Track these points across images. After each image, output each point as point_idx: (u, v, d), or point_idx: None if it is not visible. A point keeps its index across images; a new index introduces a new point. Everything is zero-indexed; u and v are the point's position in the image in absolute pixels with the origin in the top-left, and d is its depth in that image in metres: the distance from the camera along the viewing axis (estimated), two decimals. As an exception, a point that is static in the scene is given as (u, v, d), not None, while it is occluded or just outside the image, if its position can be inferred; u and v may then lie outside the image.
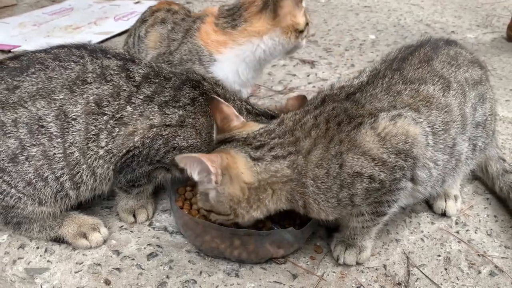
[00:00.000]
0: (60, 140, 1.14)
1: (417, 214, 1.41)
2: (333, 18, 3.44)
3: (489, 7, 3.78)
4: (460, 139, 1.18)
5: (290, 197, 1.07)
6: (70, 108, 1.14)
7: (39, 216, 1.22)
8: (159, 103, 1.20)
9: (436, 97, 1.14)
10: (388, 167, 1.03)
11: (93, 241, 1.25)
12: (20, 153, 1.13)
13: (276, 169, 1.04)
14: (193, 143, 1.21)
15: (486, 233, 1.34)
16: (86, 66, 1.17)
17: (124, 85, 1.18)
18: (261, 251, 1.18)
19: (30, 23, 3.14)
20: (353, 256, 1.21)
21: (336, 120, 1.06)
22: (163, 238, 1.30)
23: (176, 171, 1.27)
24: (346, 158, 1.02)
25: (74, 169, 1.17)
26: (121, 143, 1.18)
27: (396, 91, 1.13)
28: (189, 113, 1.21)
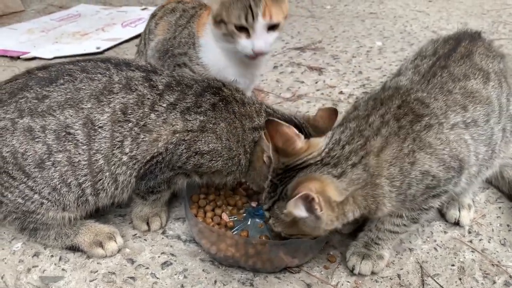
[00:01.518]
0: (86, 147, 1.17)
1: (430, 223, 1.41)
2: (339, 24, 3.45)
3: (495, 13, 3.78)
4: (496, 129, 1.23)
5: (365, 203, 1.06)
6: (97, 116, 1.16)
7: (59, 222, 1.23)
8: (181, 109, 1.22)
9: (479, 91, 1.19)
10: (445, 167, 1.09)
11: (108, 250, 1.26)
12: (47, 159, 1.15)
13: (357, 177, 1.03)
14: (214, 147, 1.22)
15: (499, 242, 1.34)
16: (113, 77, 1.20)
17: (147, 93, 1.21)
18: (275, 260, 1.18)
19: (39, 29, 3.16)
20: (369, 266, 1.21)
21: (407, 119, 1.09)
22: (177, 247, 1.30)
23: (196, 176, 1.29)
24: (419, 156, 1.06)
25: (97, 176, 1.19)
26: (145, 149, 1.20)
27: (448, 90, 1.17)
28: (210, 118, 1.23)
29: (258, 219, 1.36)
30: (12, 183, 1.17)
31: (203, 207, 1.37)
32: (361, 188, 1.04)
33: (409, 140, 1.06)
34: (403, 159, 1.05)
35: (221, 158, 1.24)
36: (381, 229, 1.20)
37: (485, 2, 4.13)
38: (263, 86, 2.37)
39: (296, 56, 2.80)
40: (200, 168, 1.25)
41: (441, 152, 1.08)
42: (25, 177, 1.16)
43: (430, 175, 1.07)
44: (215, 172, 1.27)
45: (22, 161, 1.15)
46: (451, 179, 1.12)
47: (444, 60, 1.24)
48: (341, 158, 1.05)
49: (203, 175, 1.29)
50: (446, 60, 1.24)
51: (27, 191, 1.17)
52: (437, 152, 1.07)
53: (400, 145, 1.06)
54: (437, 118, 1.11)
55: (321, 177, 1.02)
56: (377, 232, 1.21)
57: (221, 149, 1.23)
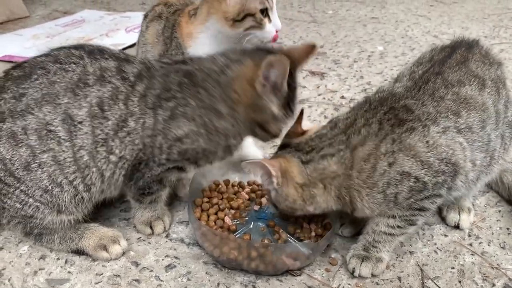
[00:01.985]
0: (69, 144, 1.16)
1: (430, 226, 1.43)
2: (341, 29, 3.47)
3: (496, 18, 3.80)
4: (494, 135, 1.25)
5: (338, 193, 1.16)
6: (75, 111, 1.15)
7: (60, 225, 1.25)
8: (152, 101, 1.20)
9: (473, 97, 1.21)
10: (431, 170, 1.12)
11: (113, 253, 1.27)
12: (32, 161, 1.16)
13: (324, 167, 1.15)
14: (189, 129, 1.20)
15: (499, 245, 1.36)
16: (87, 68, 1.18)
17: (120, 86, 1.19)
18: (278, 263, 1.20)
19: (44, 34, 3.20)
20: (368, 268, 1.23)
21: (389, 123, 1.15)
22: (180, 250, 1.32)
23: (191, 166, 1.29)
24: (398, 157, 1.11)
25: (84, 171, 1.19)
26: (131, 148, 1.20)
27: (440, 96, 1.20)
28: (179, 100, 1.20)
29: (260, 223, 1.38)
30: (8, 189, 1.19)
31: (206, 211, 1.39)
32: (331, 178, 1.15)
33: (388, 141, 1.12)
34: (378, 158, 1.11)
35: (202, 137, 1.22)
36: (377, 231, 1.22)
37: (486, 7, 4.15)
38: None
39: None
40: (186, 155, 1.24)
41: (425, 155, 1.11)
42: (17, 182, 1.17)
43: (411, 177, 1.11)
44: (208, 153, 1.26)
45: (11, 166, 1.16)
46: (441, 184, 1.14)
47: (438, 67, 1.27)
48: (315, 148, 1.17)
49: (198, 161, 1.28)
50: (440, 67, 1.26)
51: (22, 196, 1.19)
52: (420, 155, 1.11)
53: (377, 144, 1.13)
54: (421, 122, 1.14)
55: (290, 158, 1.18)
56: (373, 235, 1.23)
57: (197, 128, 1.21)
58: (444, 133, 1.15)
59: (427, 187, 1.13)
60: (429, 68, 1.27)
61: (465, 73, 1.25)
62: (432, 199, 1.16)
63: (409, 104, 1.19)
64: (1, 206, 1.24)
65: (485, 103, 1.22)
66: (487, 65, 1.30)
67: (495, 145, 1.26)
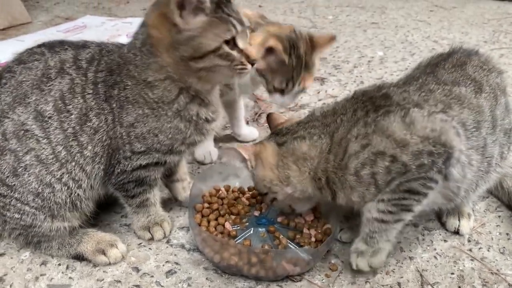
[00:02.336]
0: (46, 140, 1.17)
1: (430, 232, 1.44)
2: (341, 34, 3.49)
3: (496, 23, 3.82)
4: (490, 140, 1.23)
5: (313, 174, 1.20)
6: (44, 107, 1.16)
7: (55, 233, 1.26)
8: (103, 89, 1.19)
9: (468, 98, 1.21)
10: (412, 150, 1.08)
11: (111, 257, 1.28)
12: (18, 165, 1.17)
13: (294, 147, 1.21)
14: (136, 113, 1.19)
15: (499, 251, 1.36)
16: (48, 62, 1.18)
17: (76, 77, 1.18)
18: (278, 268, 1.21)
19: (45, 40, 3.21)
20: (365, 261, 1.23)
21: (364, 109, 1.18)
22: (181, 255, 1.33)
23: (166, 156, 1.25)
24: (371, 138, 1.12)
25: (68, 167, 1.20)
26: (102, 145, 1.21)
27: (429, 89, 1.21)
28: (120, 85, 1.18)
29: (260, 228, 1.39)
30: (5, 200, 1.20)
31: (207, 216, 1.39)
32: (303, 159, 1.20)
33: (360, 124, 1.15)
34: (349, 140, 1.14)
35: (149, 116, 1.19)
36: (370, 220, 1.19)
37: (486, 12, 4.17)
38: (266, 96, 2.40)
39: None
40: (148, 142, 1.21)
41: (400, 133, 1.09)
42: (10, 191, 1.19)
43: (386, 155, 1.09)
44: (168, 132, 1.21)
45: (1, 175, 1.18)
46: (429, 166, 1.09)
47: (431, 68, 1.29)
48: (290, 131, 1.25)
49: (171, 147, 1.24)
50: (433, 68, 1.29)
51: (18, 204, 1.20)
52: (394, 135, 1.10)
53: (348, 128, 1.16)
54: (400, 106, 1.15)
55: (266, 143, 1.27)
56: (368, 224, 1.20)
57: (142, 110, 1.19)
58: (430, 115, 1.12)
59: (410, 169, 1.09)
60: (423, 70, 1.31)
61: (461, 76, 1.26)
62: (421, 181, 1.11)
63: (389, 92, 1.21)
64: (2, 220, 1.25)
65: (480, 106, 1.22)
66: (485, 71, 1.30)
67: (492, 151, 1.25)
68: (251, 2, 4.49)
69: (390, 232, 1.22)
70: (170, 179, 1.51)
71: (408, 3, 4.55)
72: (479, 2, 4.55)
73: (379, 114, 1.14)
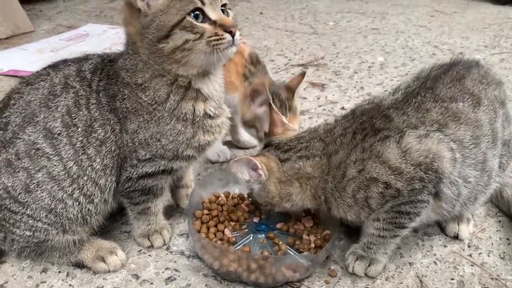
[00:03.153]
0: (57, 157, 1.18)
1: (430, 237, 1.43)
2: (341, 40, 3.50)
3: (496, 27, 3.82)
4: (491, 154, 1.24)
5: (314, 192, 1.23)
6: (52, 124, 1.18)
7: (64, 245, 1.27)
8: (105, 99, 1.20)
9: (465, 113, 1.22)
10: (406, 177, 1.12)
11: (111, 265, 1.29)
12: (30, 181, 1.18)
13: (299, 167, 1.22)
14: (139, 121, 1.19)
15: (499, 256, 1.35)
16: (53, 80, 1.21)
17: (80, 89, 1.20)
18: (277, 275, 1.21)
19: (48, 49, 3.24)
20: (362, 267, 1.26)
21: (363, 133, 1.19)
22: (180, 262, 1.33)
23: (177, 161, 1.25)
24: (366, 164, 1.15)
25: (79, 182, 1.21)
26: (111, 156, 1.22)
27: (426, 108, 1.22)
28: (119, 95, 1.19)
29: (260, 235, 1.39)
30: (15, 217, 1.21)
31: (206, 223, 1.40)
32: (307, 178, 1.22)
33: (358, 149, 1.17)
34: (348, 165, 1.17)
35: (149, 122, 1.19)
36: (368, 233, 1.25)
37: (486, 16, 4.17)
38: (266, 102, 2.41)
39: (299, 73, 2.84)
40: (151, 148, 1.21)
41: (395, 162, 1.13)
42: (22, 207, 1.20)
43: (379, 182, 1.14)
44: (169, 135, 1.21)
45: (14, 192, 1.19)
46: (419, 190, 1.13)
47: (431, 82, 1.28)
48: (293, 149, 1.25)
49: (176, 153, 1.23)
50: (433, 82, 1.28)
51: (30, 221, 1.21)
52: (389, 162, 1.13)
53: (348, 153, 1.18)
54: (398, 130, 1.16)
55: (269, 156, 1.26)
56: (367, 236, 1.26)
57: (141, 117, 1.20)
58: (426, 136, 1.14)
59: (402, 194, 1.14)
60: (422, 83, 1.29)
61: (459, 90, 1.25)
62: (412, 204, 1.16)
63: (389, 113, 1.22)
64: (10, 239, 1.25)
65: (479, 120, 1.22)
66: (484, 84, 1.30)
67: (492, 164, 1.26)
68: (253, 9, 4.51)
69: (388, 245, 1.26)
70: (176, 184, 1.51)
71: (409, 8, 4.56)
72: (480, 7, 4.56)
73: (376, 139, 1.16)
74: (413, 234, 1.44)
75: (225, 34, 1.09)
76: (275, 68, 2.92)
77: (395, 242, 1.27)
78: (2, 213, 1.21)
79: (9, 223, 1.22)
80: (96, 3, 4.71)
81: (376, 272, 1.27)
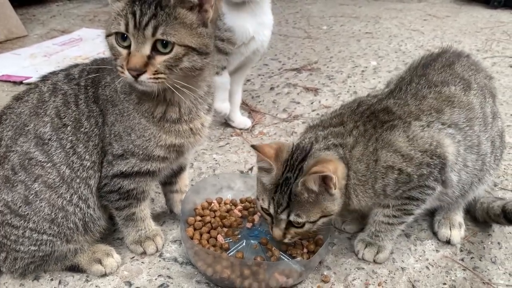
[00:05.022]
0: (50, 164, 1.19)
1: (422, 242, 1.44)
2: (335, 45, 3.52)
3: (488, 31, 3.85)
4: (483, 137, 1.31)
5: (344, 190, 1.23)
6: (42, 130, 1.20)
7: (67, 254, 1.27)
8: (91, 87, 1.23)
9: (457, 96, 1.28)
10: (415, 163, 1.19)
11: (107, 266, 1.29)
12: (29, 193, 1.18)
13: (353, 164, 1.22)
14: (115, 112, 1.20)
15: (490, 260, 1.36)
16: (42, 89, 1.25)
17: (68, 89, 1.24)
18: (271, 280, 1.21)
19: (41, 54, 3.23)
20: (371, 254, 1.35)
21: (371, 124, 1.24)
22: (174, 269, 1.33)
23: (149, 162, 1.22)
24: (381, 154, 1.19)
25: (74, 186, 1.21)
26: (97, 151, 1.23)
27: (422, 95, 1.27)
28: (102, 84, 1.22)
29: (253, 240, 1.39)
30: (18, 233, 1.20)
31: (199, 229, 1.40)
32: (344, 177, 1.22)
33: (373, 140, 1.21)
34: (368, 157, 1.20)
35: (124, 117, 1.19)
36: (377, 222, 1.32)
37: (478, 20, 4.21)
38: (260, 107, 2.42)
39: (292, 77, 2.85)
40: (122, 142, 1.20)
41: (406, 149, 1.19)
42: (24, 221, 1.19)
43: (395, 169, 1.19)
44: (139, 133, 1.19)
45: (14, 207, 1.18)
46: (427, 175, 1.21)
47: (422, 69, 1.35)
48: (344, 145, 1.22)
49: (149, 154, 1.20)
50: (424, 69, 1.34)
51: (34, 235, 1.20)
52: (400, 150, 1.19)
53: (365, 143, 1.21)
54: (402, 120, 1.22)
55: (334, 159, 1.18)
56: (375, 225, 1.33)
57: (117, 110, 1.20)
58: (428, 126, 1.22)
59: (412, 179, 1.20)
60: (413, 72, 1.35)
61: (450, 75, 1.32)
62: (420, 189, 1.23)
63: (390, 106, 1.26)
64: (12, 259, 1.24)
65: (470, 103, 1.29)
66: (473, 70, 1.37)
67: (486, 148, 1.32)
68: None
69: (395, 232, 1.34)
70: (170, 188, 1.51)
71: (402, 12, 4.59)
72: (472, 11, 4.60)
73: (383, 129, 1.22)
74: (406, 239, 1.45)
75: (126, 72, 1.04)
76: (268, 73, 2.93)
77: (401, 228, 1.34)
78: (3, 230, 1.20)
79: (11, 241, 1.21)
80: (90, 7, 4.70)
81: (384, 258, 1.34)
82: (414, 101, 1.26)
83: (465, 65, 1.37)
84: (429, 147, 1.20)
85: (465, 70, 1.35)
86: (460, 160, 1.27)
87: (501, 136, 1.41)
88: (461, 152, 1.26)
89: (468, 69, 1.36)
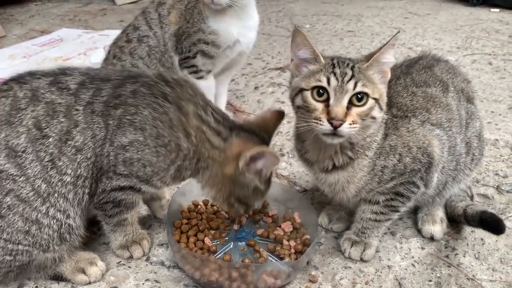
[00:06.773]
0: (23, 178, 1.13)
1: (407, 240, 1.46)
2: (318, 43, 3.53)
3: (468, 29, 3.91)
4: (459, 139, 1.36)
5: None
6: (15, 141, 1.12)
7: (44, 263, 1.23)
8: (100, 109, 1.18)
9: (438, 97, 1.33)
10: (411, 155, 1.24)
11: (91, 276, 1.26)
12: (0, 206, 1.13)
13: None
14: (134, 137, 1.19)
15: (474, 256, 1.39)
16: (17, 94, 1.16)
17: (57, 98, 1.16)
18: (259, 282, 1.21)
19: (20, 55, 3.16)
20: (358, 252, 1.36)
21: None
22: (161, 273, 1.32)
23: (143, 185, 1.25)
24: (390, 135, 1.25)
25: (51, 200, 1.16)
26: (86, 164, 1.18)
27: (412, 91, 1.33)
28: (128, 107, 1.19)
29: (240, 242, 1.39)
30: None
31: (186, 232, 1.39)
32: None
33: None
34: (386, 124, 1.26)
35: (148, 147, 1.19)
36: (364, 219, 1.35)
37: (458, 18, 4.27)
38: (245, 107, 2.42)
39: (276, 76, 2.85)
40: (134, 168, 1.20)
41: (407, 139, 1.25)
42: None
43: (396, 153, 1.24)
44: (157, 169, 1.22)
45: None
46: (416, 171, 1.26)
47: (406, 68, 1.39)
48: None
49: (149, 179, 1.24)
50: (408, 68, 1.39)
51: (9, 245, 1.15)
52: (403, 138, 1.25)
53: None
54: (404, 112, 1.28)
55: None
56: (362, 222, 1.35)
57: (143, 139, 1.19)
58: (422, 125, 1.27)
59: (406, 171, 1.25)
60: (398, 68, 1.39)
61: (430, 76, 1.37)
62: (407, 185, 1.27)
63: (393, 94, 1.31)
64: None
65: (448, 104, 1.33)
66: (451, 74, 1.42)
67: (460, 149, 1.37)
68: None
69: (381, 228, 1.37)
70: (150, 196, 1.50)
71: (384, 10, 4.63)
72: (452, 8, 4.66)
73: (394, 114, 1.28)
74: (392, 237, 1.46)
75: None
76: (252, 72, 2.92)
77: (387, 225, 1.38)
78: None
79: None
80: (70, 6, 4.62)
81: (370, 255, 1.36)
82: (407, 95, 1.31)
83: (443, 68, 1.42)
84: (422, 145, 1.25)
85: (443, 73, 1.40)
86: (442, 161, 1.31)
87: (479, 137, 1.45)
88: (444, 153, 1.30)
89: (446, 72, 1.41)
